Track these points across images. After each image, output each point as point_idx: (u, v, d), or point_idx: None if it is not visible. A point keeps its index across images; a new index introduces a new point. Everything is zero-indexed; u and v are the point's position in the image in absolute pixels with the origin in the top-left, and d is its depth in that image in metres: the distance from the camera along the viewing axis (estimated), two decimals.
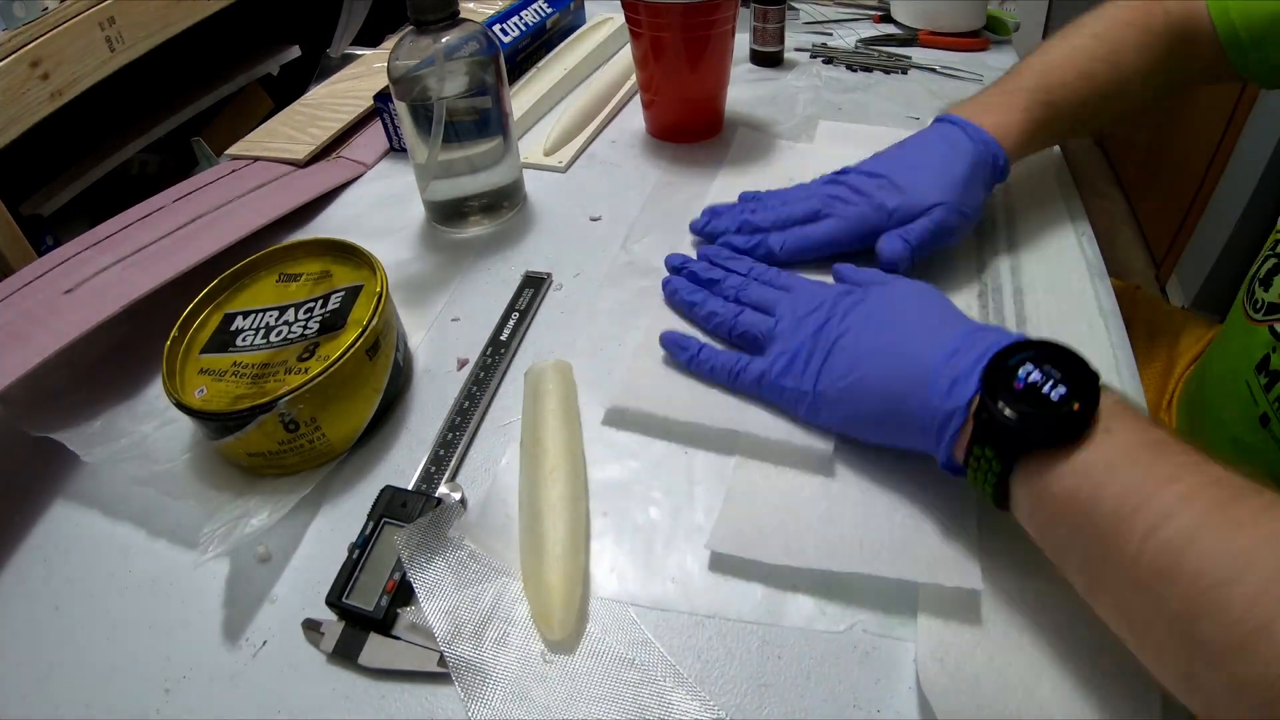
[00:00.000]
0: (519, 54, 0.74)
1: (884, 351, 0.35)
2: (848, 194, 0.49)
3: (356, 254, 0.45)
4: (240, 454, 0.39)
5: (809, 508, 0.37)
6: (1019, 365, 0.30)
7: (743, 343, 0.43)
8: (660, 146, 0.66)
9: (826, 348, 0.38)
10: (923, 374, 0.33)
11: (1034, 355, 0.30)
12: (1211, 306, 1.45)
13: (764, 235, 0.50)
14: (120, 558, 0.38)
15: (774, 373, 0.39)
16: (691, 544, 0.37)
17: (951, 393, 0.32)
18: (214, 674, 0.33)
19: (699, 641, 0.33)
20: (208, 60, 1.17)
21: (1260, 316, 0.48)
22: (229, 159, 0.67)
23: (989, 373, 0.31)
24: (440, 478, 0.40)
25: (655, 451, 0.41)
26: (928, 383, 0.33)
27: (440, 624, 0.32)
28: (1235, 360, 0.50)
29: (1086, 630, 0.32)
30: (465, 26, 0.50)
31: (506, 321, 0.49)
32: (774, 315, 0.42)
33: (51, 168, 1.01)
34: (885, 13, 0.88)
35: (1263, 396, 0.47)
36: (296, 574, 0.36)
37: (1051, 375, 0.29)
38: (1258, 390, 0.47)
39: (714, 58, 0.61)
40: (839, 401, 0.37)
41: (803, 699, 0.31)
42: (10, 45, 0.78)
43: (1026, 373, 0.29)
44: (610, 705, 0.31)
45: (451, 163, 0.54)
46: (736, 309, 0.44)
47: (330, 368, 0.38)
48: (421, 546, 0.35)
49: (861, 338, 0.37)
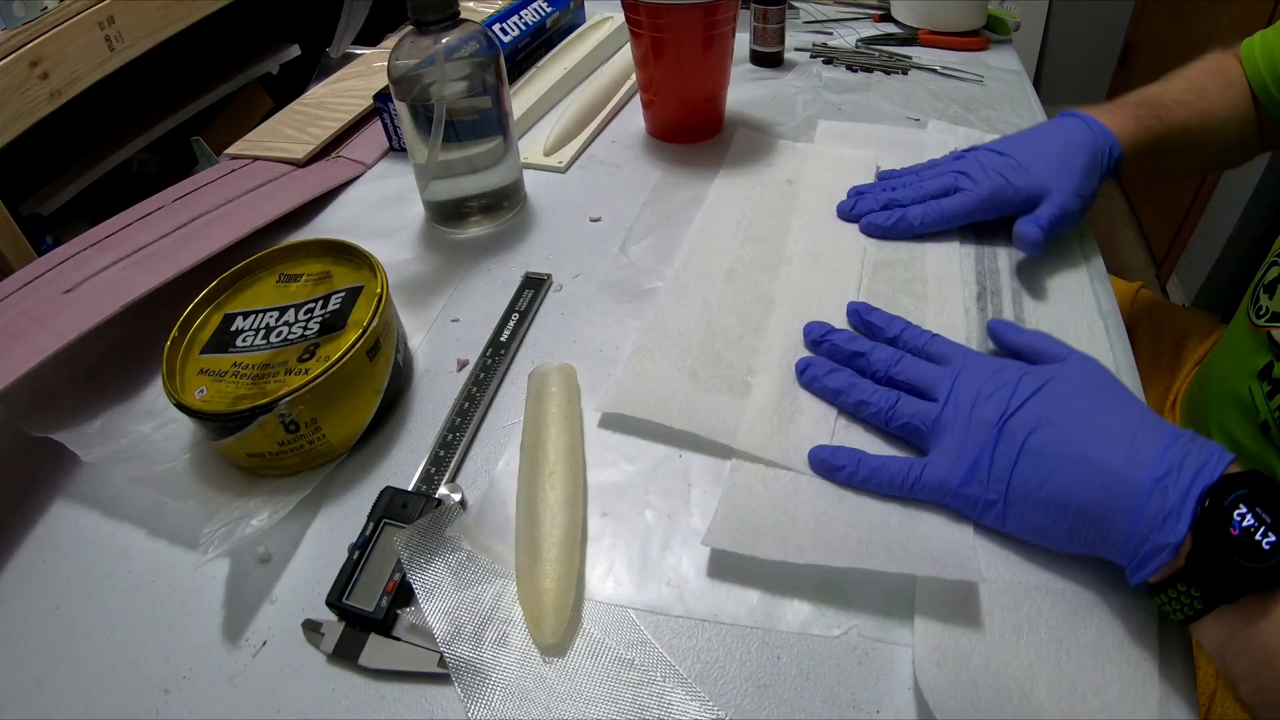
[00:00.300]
0: (519, 53, 0.74)
1: (1080, 461, 0.32)
2: (977, 170, 0.52)
3: (356, 254, 0.45)
4: (240, 455, 0.39)
5: (806, 508, 0.37)
6: (1233, 508, 0.29)
7: (902, 434, 0.39)
8: (660, 147, 0.66)
9: (1013, 452, 0.34)
10: (1128, 498, 0.31)
11: (1247, 495, 0.29)
12: (1212, 306, 1.45)
13: (904, 210, 0.52)
14: (120, 558, 0.38)
15: (955, 481, 0.35)
16: (688, 548, 0.37)
17: (1163, 529, 0.30)
18: (214, 674, 0.33)
19: (698, 642, 0.33)
20: (207, 60, 1.17)
21: (1263, 323, 0.48)
22: (229, 158, 0.67)
23: (1203, 516, 0.29)
24: (440, 479, 0.40)
25: (652, 455, 0.41)
26: (1133, 509, 0.31)
27: (440, 625, 0.32)
28: (1237, 366, 0.50)
29: (1084, 632, 0.32)
30: (465, 26, 0.50)
31: (506, 322, 0.49)
32: (936, 398, 0.38)
33: (51, 167, 1.01)
34: (885, 12, 0.88)
35: (1264, 404, 0.47)
36: (296, 574, 0.37)
37: (1264, 520, 0.28)
38: (1260, 398, 0.47)
39: (714, 58, 0.61)
40: (1031, 513, 0.33)
41: (802, 699, 0.31)
42: (10, 45, 0.78)
43: (1241, 516, 0.28)
44: (609, 706, 0.31)
45: (451, 163, 0.54)
46: (891, 397, 0.39)
47: (330, 368, 0.38)
48: (421, 547, 0.35)
49: (1051, 439, 0.33)
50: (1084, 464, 0.32)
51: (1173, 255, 1.64)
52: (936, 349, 0.41)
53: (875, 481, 0.37)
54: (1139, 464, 0.31)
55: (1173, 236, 1.64)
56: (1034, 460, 0.33)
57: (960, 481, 0.35)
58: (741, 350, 0.45)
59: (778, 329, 0.47)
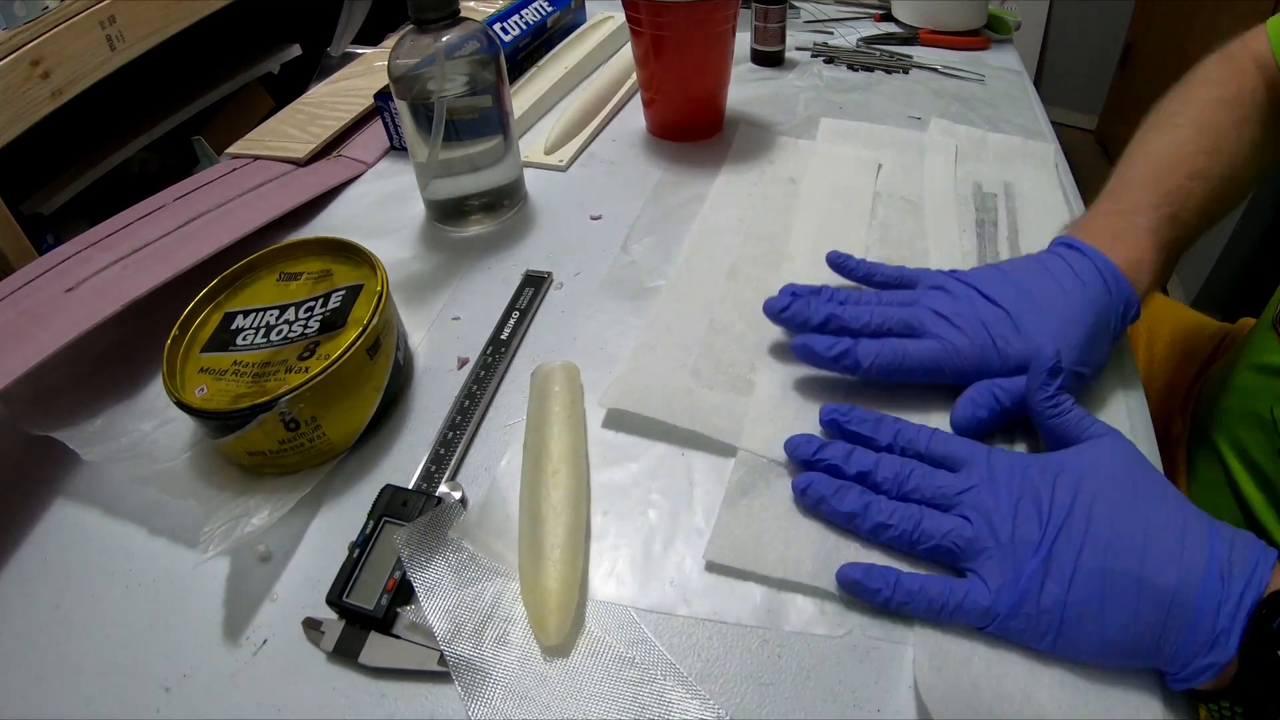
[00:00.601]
0: (519, 52, 0.74)
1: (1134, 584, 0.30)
2: (958, 313, 0.41)
3: (357, 253, 0.45)
4: (240, 453, 0.39)
5: (807, 519, 0.37)
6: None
7: (931, 556, 0.35)
8: (661, 145, 0.66)
9: (1065, 580, 0.31)
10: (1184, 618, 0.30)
11: None
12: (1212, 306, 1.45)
13: (853, 343, 0.40)
14: (120, 558, 0.38)
15: (1003, 611, 0.31)
16: (690, 547, 0.37)
17: (1212, 650, 0.29)
18: (214, 673, 0.33)
19: (699, 641, 0.33)
20: (208, 59, 1.17)
21: None
22: (229, 158, 0.67)
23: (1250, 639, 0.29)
24: (441, 477, 0.40)
25: (654, 453, 0.41)
26: (1189, 629, 0.30)
27: (440, 623, 0.32)
28: (1263, 385, 0.48)
29: None
30: (466, 25, 0.50)
31: (507, 321, 0.49)
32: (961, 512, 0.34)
33: (52, 167, 1.01)
34: (886, 11, 0.88)
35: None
36: (297, 573, 0.36)
37: None
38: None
39: (714, 56, 0.61)
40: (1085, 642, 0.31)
41: (803, 698, 0.31)
42: (11, 44, 0.78)
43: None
44: (610, 704, 0.31)
45: (452, 161, 0.54)
46: (913, 516, 0.34)
47: (331, 367, 0.38)
48: (422, 545, 0.35)
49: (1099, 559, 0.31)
50: (1140, 587, 0.30)
51: None
52: (942, 450, 0.37)
53: (911, 607, 0.33)
54: (1191, 580, 0.30)
55: None
56: (1085, 585, 0.31)
57: (1008, 612, 0.31)
58: (744, 348, 0.45)
59: (780, 327, 0.46)
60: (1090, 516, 0.32)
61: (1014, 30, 0.84)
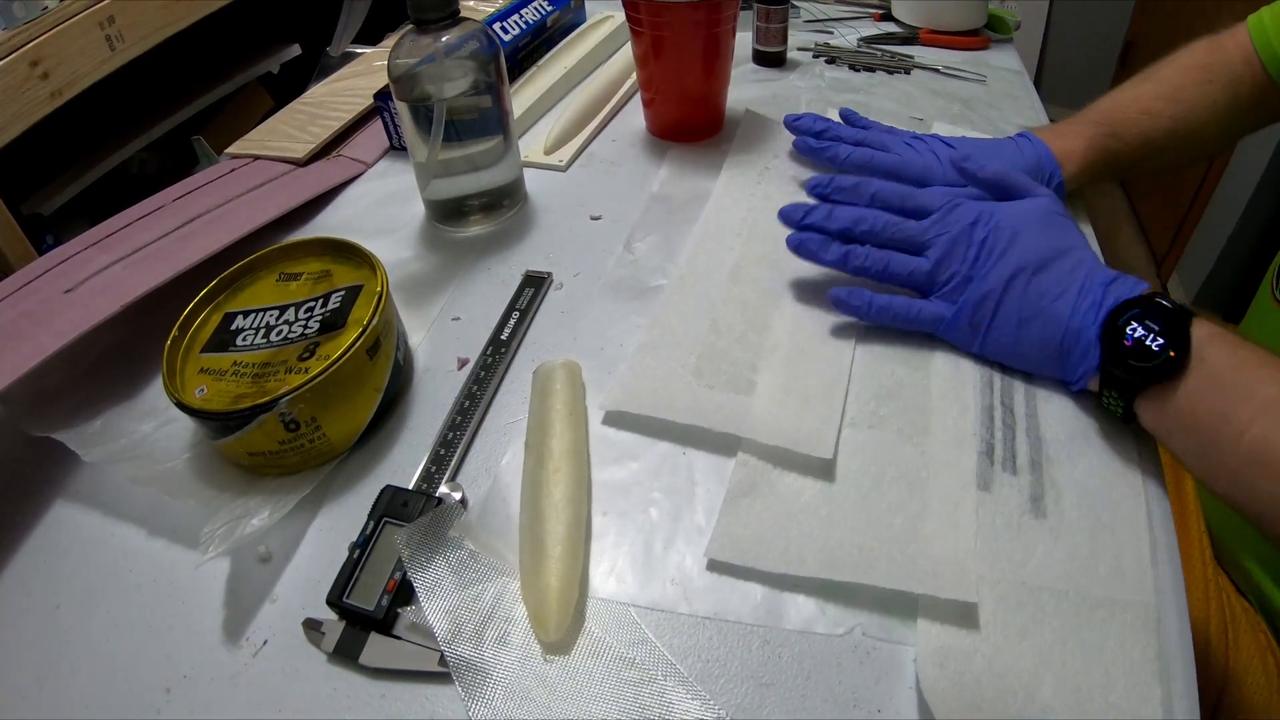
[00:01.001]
0: (519, 52, 0.74)
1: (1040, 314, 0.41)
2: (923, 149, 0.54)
3: (357, 253, 0.45)
4: (241, 453, 0.39)
5: (808, 513, 0.37)
6: (1126, 325, 0.37)
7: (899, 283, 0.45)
8: (661, 145, 0.66)
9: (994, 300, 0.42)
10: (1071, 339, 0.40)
11: (1138, 313, 0.37)
12: (1213, 305, 1.45)
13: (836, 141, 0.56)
14: (120, 558, 0.38)
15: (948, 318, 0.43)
16: (691, 545, 0.37)
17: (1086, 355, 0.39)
18: (214, 673, 0.33)
19: (699, 641, 0.33)
20: (208, 59, 1.17)
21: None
22: (229, 158, 0.67)
23: (1105, 333, 0.38)
24: (441, 477, 0.39)
25: (656, 452, 0.41)
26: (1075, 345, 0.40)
27: (441, 623, 0.32)
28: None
29: (1088, 632, 0.32)
30: (465, 25, 0.50)
31: (507, 321, 0.49)
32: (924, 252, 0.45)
33: (51, 167, 1.01)
34: (886, 11, 0.87)
35: None
36: (297, 574, 0.36)
37: (1151, 329, 0.37)
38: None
39: (714, 56, 0.61)
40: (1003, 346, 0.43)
41: (803, 698, 0.31)
42: (10, 44, 0.78)
43: (1133, 330, 0.37)
44: (610, 704, 0.31)
45: (452, 161, 0.54)
46: (883, 259, 0.45)
47: (331, 367, 0.38)
48: (422, 546, 0.34)
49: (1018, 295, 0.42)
50: (1044, 316, 0.41)
51: (1174, 254, 1.64)
52: (913, 204, 0.46)
53: (884, 318, 0.44)
54: (1080, 309, 0.40)
55: (1174, 235, 1.64)
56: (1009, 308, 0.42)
57: (952, 321, 0.43)
58: (746, 348, 0.45)
59: (782, 327, 0.46)
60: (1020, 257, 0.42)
61: (1014, 30, 0.84)
